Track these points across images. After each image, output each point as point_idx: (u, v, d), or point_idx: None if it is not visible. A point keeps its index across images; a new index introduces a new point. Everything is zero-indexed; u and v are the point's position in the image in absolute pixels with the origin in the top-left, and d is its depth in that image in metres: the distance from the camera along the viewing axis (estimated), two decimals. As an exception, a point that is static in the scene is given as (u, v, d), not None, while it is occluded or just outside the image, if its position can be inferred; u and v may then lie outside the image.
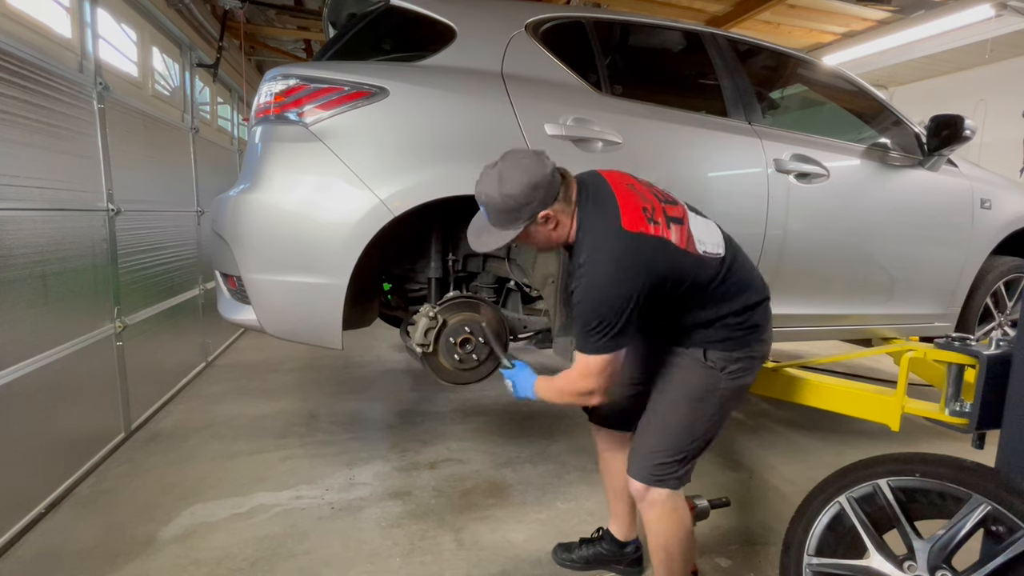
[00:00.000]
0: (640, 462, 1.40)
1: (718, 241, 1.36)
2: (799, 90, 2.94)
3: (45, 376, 1.99)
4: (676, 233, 1.27)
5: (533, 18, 2.00)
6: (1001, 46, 5.32)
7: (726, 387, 1.37)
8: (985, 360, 1.41)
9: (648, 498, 1.39)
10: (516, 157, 1.30)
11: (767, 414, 3.13)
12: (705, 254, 1.30)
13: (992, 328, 2.89)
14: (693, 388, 1.37)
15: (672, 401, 1.39)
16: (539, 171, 1.26)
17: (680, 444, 1.36)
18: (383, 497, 2.15)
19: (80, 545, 1.81)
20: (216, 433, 2.71)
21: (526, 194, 1.25)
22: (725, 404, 1.39)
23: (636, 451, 1.43)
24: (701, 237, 1.32)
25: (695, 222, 1.34)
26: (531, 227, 1.30)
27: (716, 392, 1.36)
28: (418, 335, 1.78)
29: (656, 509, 1.39)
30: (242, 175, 1.86)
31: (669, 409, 1.39)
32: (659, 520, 1.39)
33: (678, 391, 1.39)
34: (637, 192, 1.31)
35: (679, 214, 1.32)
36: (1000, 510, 1.07)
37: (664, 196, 1.36)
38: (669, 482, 1.37)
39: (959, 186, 2.61)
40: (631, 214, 1.24)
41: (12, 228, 1.87)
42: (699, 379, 1.37)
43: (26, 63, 1.95)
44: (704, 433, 1.38)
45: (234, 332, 4.56)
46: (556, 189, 1.28)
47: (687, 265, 1.28)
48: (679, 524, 1.40)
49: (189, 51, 3.96)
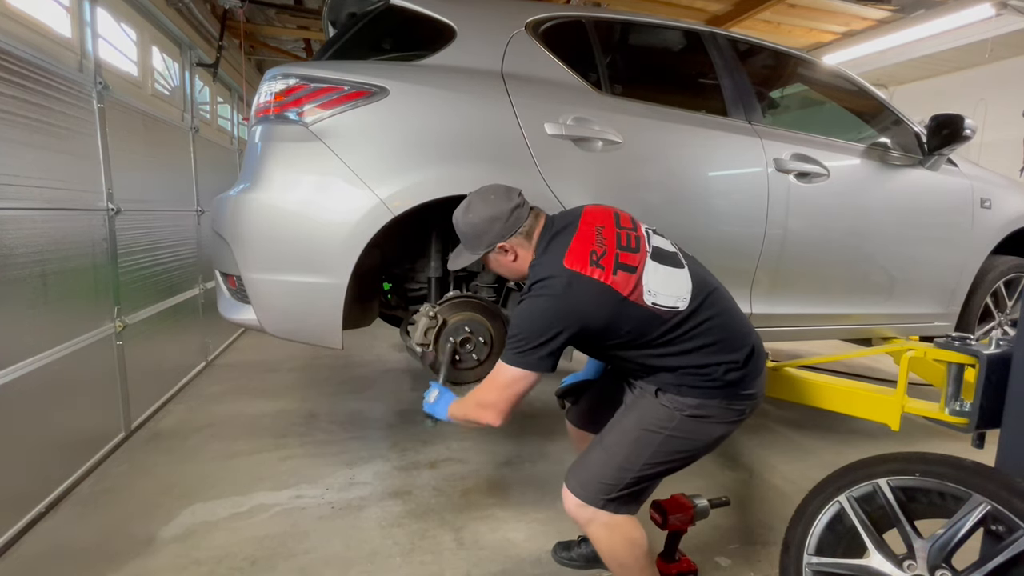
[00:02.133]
0: (575, 474, 1.38)
1: (680, 295, 1.32)
2: (799, 89, 2.93)
3: (45, 376, 1.99)
4: (621, 279, 1.27)
5: (533, 17, 2.00)
6: (1001, 46, 5.33)
7: (681, 429, 1.33)
8: (985, 360, 1.41)
9: (581, 517, 1.35)
10: (486, 191, 1.44)
11: (767, 414, 3.13)
12: (654, 305, 1.29)
13: (992, 327, 2.89)
14: (644, 420, 1.36)
15: (623, 428, 1.38)
16: (501, 207, 1.39)
17: (615, 470, 1.33)
18: (383, 496, 2.15)
19: (80, 545, 1.81)
20: (216, 433, 2.71)
21: (484, 225, 1.39)
22: (677, 447, 1.34)
23: (576, 462, 1.41)
24: (653, 288, 1.29)
25: (653, 272, 1.31)
26: (491, 255, 1.45)
27: (666, 431, 1.33)
28: (418, 335, 1.78)
29: (592, 528, 1.35)
30: (242, 175, 1.86)
31: (618, 434, 1.38)
32: (599, 538, 1.35)
33: (631, 419, 1.38)
34: (600, 235, 1.33)
35: (634, 263, 1.31)
36: (1000, 509, 1.07)
37: (628, 243, 1.34)
38: (597, 502, 1.32)
39: (959, 185, 2.61)
40: (575, 255, 1.30)
41: (12, 228, 1.87)
42: (652, 413, 1.35)
43: (26, 62, 1.95)
44: (642, 467, 1.32)
45: (234, 332, 4.56)
46: (516, 226, 1.40)
47: (625, 312, 1.28)
48: (623, 541, 1.34)
49: (189, 50, 3.96)
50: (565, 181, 1.86)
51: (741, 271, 2.19)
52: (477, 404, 1.39)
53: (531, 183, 1.82)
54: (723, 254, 2.13)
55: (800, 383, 2.12)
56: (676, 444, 1.34)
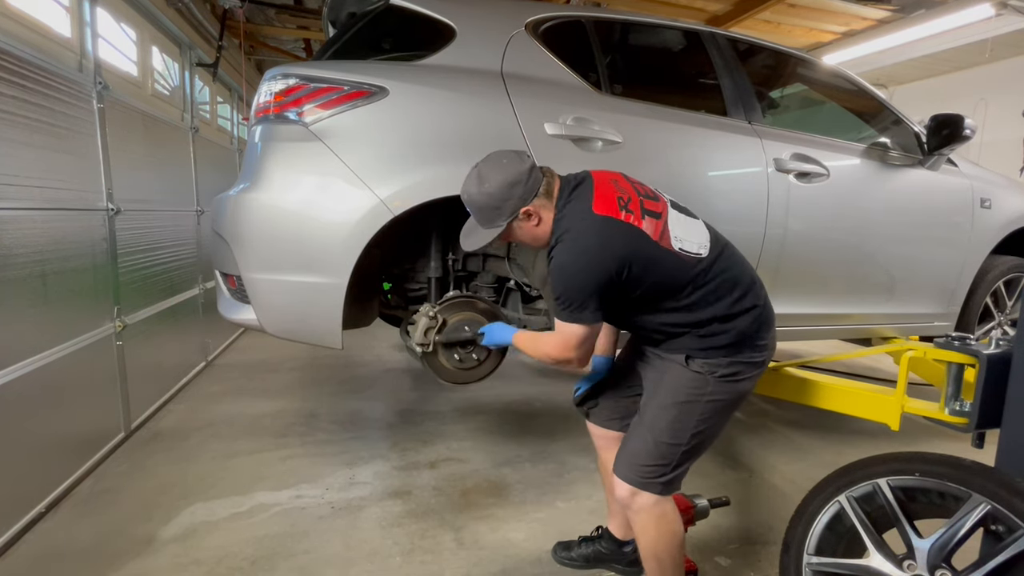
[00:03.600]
0: (625, 463, 1.37)
1: (701, 242, 1.33)
2: (799, 89, 2.93)
3: (45, 376, 1.99)
4: (650, 225, 1.27)
5: (533, 17, 2.00)
6: (1001, 46, 5.32)
7: (716, 392, 1.33)
8: (985, 359, 1.41)
9: (634, 504, 1.35)
10: (496, 157, 1.36)
11: (767, 414, 3.13)
12: (681, 251, 1.29)
13: (992, 327, 2.89)
14: (680, 392, 1.35)
15: (660, 404, 1.37)
16: (517, 169, 1.31)
17: (664, 448, 1.33)
18: (383, 496, 2.15)
19: (80, 545, 1.81)
20: (216, 433, 2.71)
21: (505, 191, 1.31)
22: (715, 410, 1.34)
23: (623, 452, 1.41)
24: (679, 234, 1.30)
25: (676, 219, 1.33)
26: (514, 223, 1.35)
27: (704, 397, 1.32)
28: (418, 335, 1.78)
29: (643, 516, 1.35)
30: (242, 175, 1.86)
31: (657, 412, 1.37)
32: (646, 527, 1.36)
33: (666, 394, 1.37)
34: (618, 186, 1.32)
35: (658, 209, 1.31)
36: (1000, 509, 1.07)
37: (647, 192, 1.36)
38: (653, 487, 1.33)
39: (959, 185, 2.61)
40: (603, 201, 1.27)
41: (12, 228, 1.87)
42: (686, 383, 1.35)
43: (26, 62, 1.95)
44: (690, 439, 1.33)
45: (234, 332, 4.56)
46: (536, 186, 1.33)
47: (657, 257, 1.27)
48: (668, 532, 1.36)
49: (189, 50, 3.96)
50: (565, 181, 1.86)
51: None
52: (554, 359, 1.35)
53: (531, 183, 1.82)
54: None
55: (800, 383, 2.12)
56: (714, 408, 1.34)
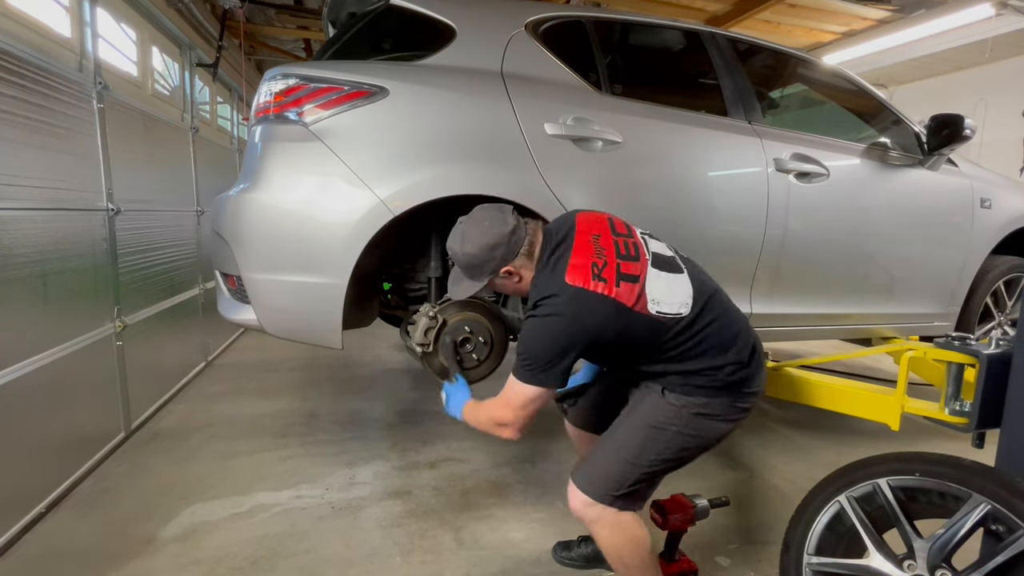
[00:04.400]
0: (584, 474, 1.37)
1: (682, 300, 1.32)
2: (799, 89, 2.93)
3: (45, 376, 1.99)
4: (625, 290, 1.26)
5: (533, 17, 2.00)
6: (1001, 45, 5.32)
7: (689, 427, 1.33)
8: (985, 359, 1.41)
9: (588, 516, 1.35)
10: (480, 216, 1.40)
11: (767, 414, 3.13)
12: (658, 314, 1.28)
13: (992, 327, 2.89)
14: (653, 416, 1.35)
15: (631, 423, 1.38)
16: (499, 231, 1.35)
17: (624, 466, 1.33)
18: (383, 496, 2.15)
19: (80, 545, 1.81)
20: (216, 433, 2.71)
21: (485, 253, 1.36)
22: (683, 445, 1.34)
23: (585, 461, 1.41)
24: (657, 296, 1.29)
25: (655, 280, 1.31)
26: (496, 279, 1.42)
27: (675, 427, 1.33)
28: (418, 335, 1.78)
29: (598, 527, 1.35)
30: (242, 175, 1.86)
31: (626, 430, 1.38)
32: (604, 539, 1.35)
33: (641, 414, 1.38)
34: (597, 245, 1.31)
35: (636, 271, 1.29)
36: (1000, 509, 1.07)
37: (628, 251, 1.33)
38: (605, 499, 1.32)
39: (959, 185, 2.61)
40: (576, 270, 1.27)
41: (12, 228, 1.87)
42: (660, 410, 1.35)
43: (26, 63, 1.95)
44: (650, 464, 1.33)
45: (234, 332, 4.56)
46: (517, 248, 1.37)
47: (631, 324, 1.27)
48: (628, 540, 1.35)
49: (189, 51, 3.96)
50: (565, 181, 1.86)
51: (741, 271, 2.19)
52: (493, 421, 1.38)
53: (531, 183, 1.82)
54: (723, 254, 2.13)
55: (800, 383, 2.12)
56: (684, 441, 1.34)
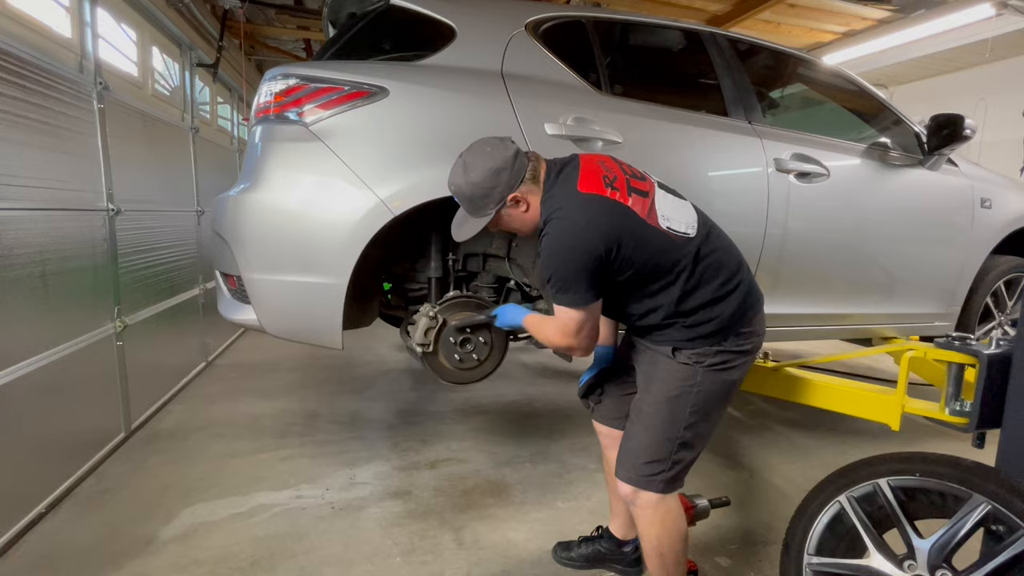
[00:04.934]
0: (625, 463, 1.37)
1: (689, 222, 1.33)
2: (799, 89, 2.93)
3: (45, 376, 1.99)
4: (636, 202, 1.27)
5: (533, 17, 2.00)
6: (1001, 46, 5.32)
7: (705, 382, 1.32)
8: (985, 359, 1.41)
9: (638, 502, 1.35)
10: (480, 145, 1.36)
11: (767, 414, 3.13)
12: (669, 230, 1.28)
13: (992, 327, 2.89)
14: (671, 386, 1.34)
15: (652, 401, 1.37)
16: (502, 155, 1.32)
17: (662, 445, 1.32)
18: (383, 497, 2.15)
19: (80, 545, 1.81)
20: (216, 433, 2.71)
21: (491, 179, 1.31)
22: (706, 401, 1.33)
23: (621, 452, 1.40)
24: (666, 213, 1.30)
25: (663, 199, 1.33)
26: (503, 211, 1.36)
27: (693, 388, 1.32)
28: (418, 335, 1.78)
29: (647, 514, 1.35)
30: (242, 175, 1.86)
31: (650, 409, 1.36)
32: (651, 525, 1.36)
33: (658, 390, 1.36)
34: (604, 166, 1.32)
35: (645, 188, 1.31)
36: (1000, 509, 1.07)
37: (634, 172, 1.36)
38: (655, 485, 1.33)
39: (959, 185, 2.61)
40: (588, 180, 1.27)
41: (12, 228, 1.87)
42: (676, 376, 1.34)
43: (26, 63, 1.95)
44: (683, 431, 1.32)
45: (234, 332, 4.56)
46: (522, 171, 1.33)
47: (644, 235, 1.26)
48: (672, 529, 1.36)
49: (189, 51, 3.96)
50: (565, 181, 1.86)
51: (741, 271, 2.19)
52: (562, 347, 1.35)
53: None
54: (723, 254, 2.13)
55: (800, 383, 2.11)
56: (704, 399, 1.33)
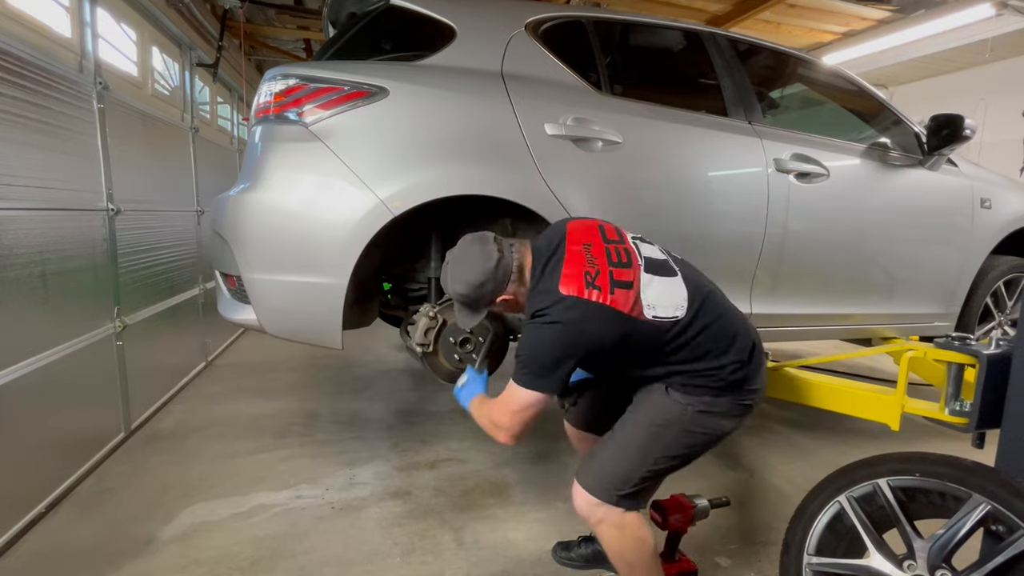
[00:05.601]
0: (590, 472, 1.36)
1: (677, 303, 1.32)
2: (799, 89, 2.93)
3: (45, 376, 1.99)
4: (620, 297, 1.26)
5: (533, 18, 2.00)
6: (1001, 46, 5.33)
7: (693, 424, 1.33)
8: (985, 360, 1.41)
9: (594, 516, 1.34)
10: (462, 254, 1.41)
11: (767, 414, 3.13)
12: (655, 319, 1.28)
13: (992, 328, 2.89)
14: (656, 415, 1.35)
15: (635, 421, 1.38)
16: (483, 268, 1.36)
17: (628, 465, 1.33)
18: (383, 497, 2.15)
19: (80, 545, 1.81)
20: (216, 433, 2.71)
21: (475, 291, 1.38)
22: (688, 442, 1.35)
23: (589, 459, 1.40)
24: (651, 301, 1.29)
25: (648, 285, 1.31)
26: (494, 307, 1.45)
27: (679, 426, 1.33)
28: (418, 335, 1.78)
29: (603, 527, 1.34)
30: (242, 175, 1.86)
31: (631, 429, 1.37)
32: (609, 538, 1.35)
33: (643, 413, 1.37)
34: (589, 254, 1.32)
35: (629, 278, 1.29)
36: (1000, 510, 1.07)
37: (620, 257, 1.33)
38: (611, 498, 1.32)
39: (959, 185, 2.61)
40: (570, 279, 1.28)
41: (12, 228, 1.87)
42: (664, 408, 1.35)
43: (26, 63, 1.95)
44: (655, 462, 1.33)
45: (234, 332, 4.56)
46: (506, 278, 1.38)
47: (628, 331, 1.27)
48: (631, 540, 1.34)
49: (189, 51, 3.96)
50: (565, 182, 1.86)
51: (741, 271, 2.19)
52: (492, 421, 1.41)
53: (531, 184, 1.82)
54: (723, 254, 2.13)
55: (800, 383, 2.11)
56: (688, 438, 1.34)
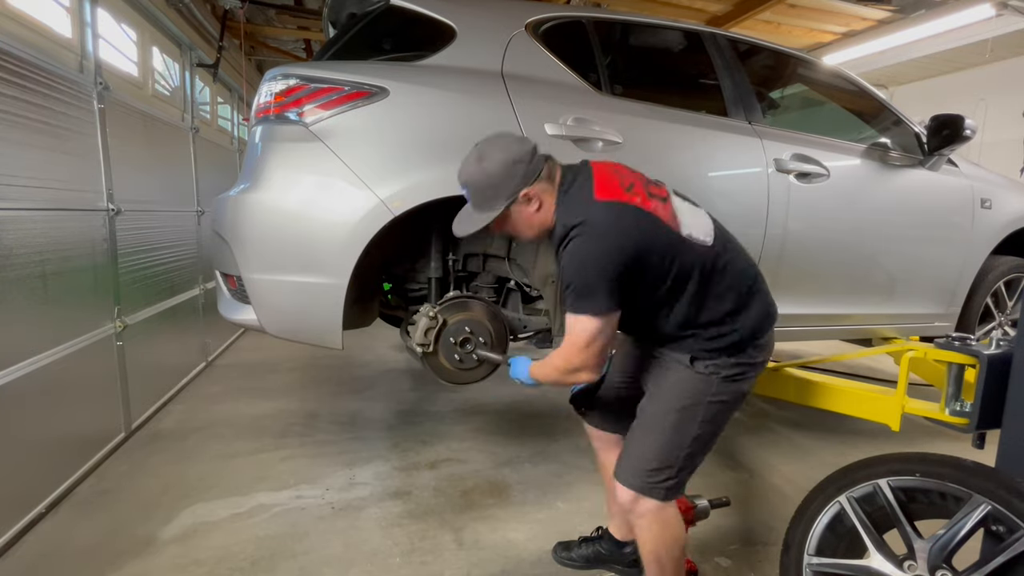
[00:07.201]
0: (627, 468, 1.34)
1: (706, 230, 1.30)
2: (799, 90, 2.94)
3: (45, 376, 1.99)
4: (659, 208, 1.24)
5: (533, 18, 2.00)
6: (1001, 46, 5.32)
7: (719, 393, 1.30)
8: (985, 360, 1.41)
9: (637, 510, 1.33)
10: (497, 136, 1.32)
11: (767, 414, 3.13)
12: (690, 237, 1.25)
13: (992, 328, 2.89)
14: (682, 394, 1.31)
15: (661, 408, 1.34)
16: (519, 148, 1.27)
17: (668, 453, 1.30)
18: (383, 497, 2.15)
19: (80, 545, 1.81)
20: (216, 433, 2.71)
21: (506, 170, 1.26)
22: (717, 412, 1.32)
23: (624, 457, 1.38)
24: (686, 221, 1.27)
25: (680, 206, 1.30)
26: (512, 207, 1.30)
27: (707, 399, 1.30)
28: (418, 335, 1.78)
29: (645, 520, 1.33)
30: (242, 175, 1.86)
31: (658, 416, 1.34)
32: (649, 532, 1.34)
33: (668, 398, 1.34)
34: (619, 173, 1.30)
35: (663, 194, 1.30)
36: (1000, 510, 1.07)
37: (648, 179, 1.34)
38: (656, 492, 1.30)
39: (959, 186, 2.61)
40: (604, 187, 1.24)
41: (12, 228, 1.87)
42: (690, 386, 1.31)
43: (26, 63, 1.95)
44: (692, 442, 1.30)
45: (234, 332, 4.56)
46: (538, 168, 1.29)
47: (670, 240, 1.23)
48: (671, 536, 1.34)
49: (189, 51, 3.96)
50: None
51: (741, 271, 2.19)
52: (567, 369, 1.29)
53: (531, 183, 1.82)
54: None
55: (800, 383, 2.12)
56: (715, 408, 1.32)
